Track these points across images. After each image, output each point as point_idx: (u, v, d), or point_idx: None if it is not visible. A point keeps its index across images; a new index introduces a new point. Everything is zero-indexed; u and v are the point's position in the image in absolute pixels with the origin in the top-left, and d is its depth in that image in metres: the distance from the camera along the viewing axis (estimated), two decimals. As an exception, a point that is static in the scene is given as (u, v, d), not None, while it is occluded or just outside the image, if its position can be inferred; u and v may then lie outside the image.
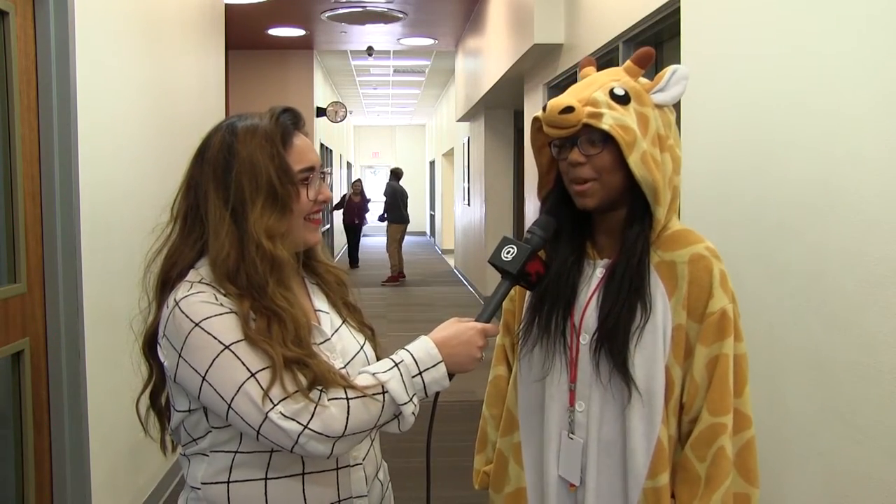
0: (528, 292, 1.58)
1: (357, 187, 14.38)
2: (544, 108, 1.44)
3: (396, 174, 13.20)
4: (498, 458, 1.66)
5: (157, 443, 1.49)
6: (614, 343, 1.43)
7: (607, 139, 1.41)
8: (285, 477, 1.35)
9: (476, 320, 1.42)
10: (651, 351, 1.43)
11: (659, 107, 1.47)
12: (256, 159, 1.33)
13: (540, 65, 6.07)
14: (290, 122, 1.40)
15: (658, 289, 1.45)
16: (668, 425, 1.45)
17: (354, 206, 14.19)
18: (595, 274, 1.52)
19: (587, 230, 1.55)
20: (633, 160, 1.39)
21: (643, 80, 1.50)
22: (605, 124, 1.39)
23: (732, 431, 1.43)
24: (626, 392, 1.44)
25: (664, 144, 1.45)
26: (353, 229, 14.48)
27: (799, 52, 2.24)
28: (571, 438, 1.51)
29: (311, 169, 1.40)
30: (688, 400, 1.44)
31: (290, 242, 1.38)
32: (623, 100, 1.43)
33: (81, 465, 2.89)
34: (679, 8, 3.10)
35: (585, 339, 1.49)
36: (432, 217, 21.34)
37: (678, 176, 1.48)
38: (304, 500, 1.36)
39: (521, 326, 1.58)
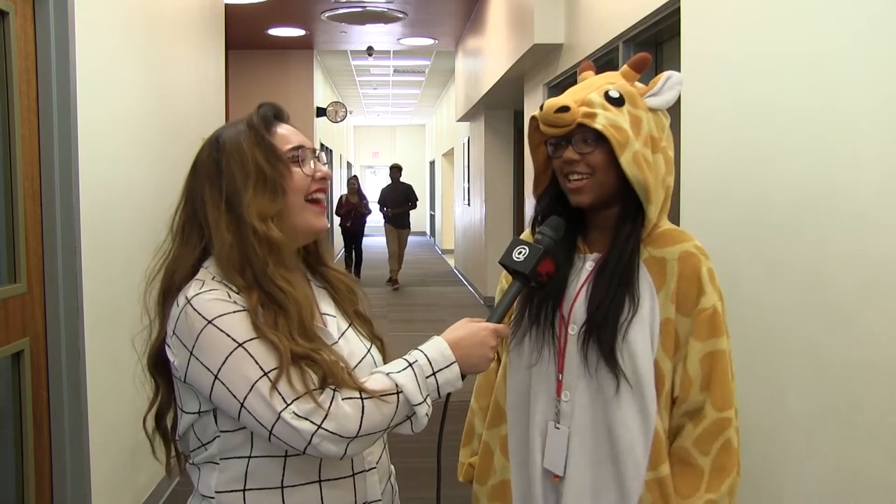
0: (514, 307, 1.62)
1: (353, 185, 12.22)
2: (542, 108, 1.49)
3: (400, 170, 11.98)
4: (484, 450, 1.69)
5: (162, 464, 1.46)
6: (603, 334, 1.48)
7: (600, 139, 1.46)
8: (303, 484, 1.34)
9: (487, 321, 1.42)
10: (638, 343, 1.48)
11: (653, 110, 1.52)
12: (242, 147, 1.35)
13: (540, 65, 6.06)
14: (269, 111, 1.41)
15: (646, 283, 1.50)
16: (662, 417, 1.49)
17: (351, 208, 11.94)
18: (585, 267, 1.56)
19: (580, 226, 1.60)
20: (625, 159, 1.45)
21: (639, 84, 1.55)
22: (599, 124, 1.44)
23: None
24: (613, 382, 1.48)
25: (657, 146, 1.50)
26: (353, 236, 12.21)
27: (798, 51, 2.24)
28: (557, 428, 1.54)
29: (300, 147, 1.40)
30: (681, 393, 1.49)
31: (289, 226, 1.37)
32: (617, 102, 1.48)
33: (81, 465, 2.89)
34: (679, 8, 3.10)
35: (574, 329, 1.53)
36: (432, 217, 21.34)
37: (671, 177, 1.53)
38: None
39: (512, 317, 1.61)
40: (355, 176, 13.07)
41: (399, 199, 11.65)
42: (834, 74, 2.08)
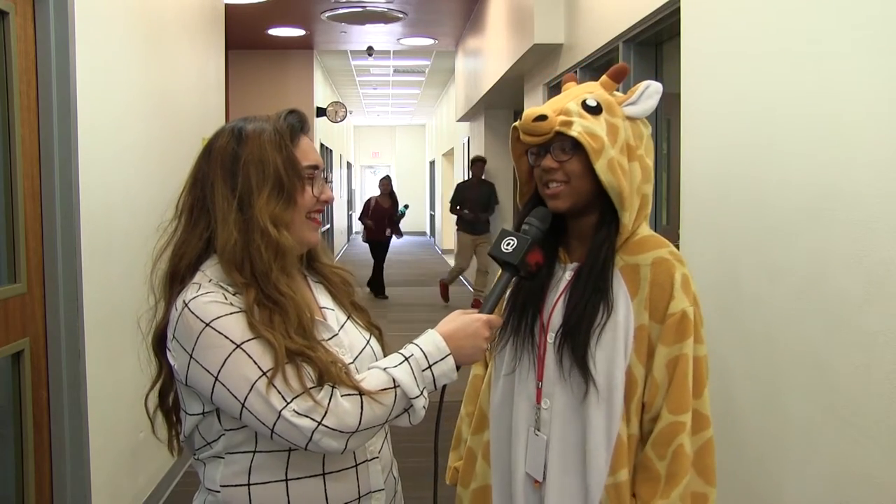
0: (506, 294, 1.65)
1: (386, 186, 10.70)
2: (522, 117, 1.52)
3: (484, 163, 9.63)
4: (468, 455, 1.72)
5: (164, 443, 1.48)
6: (576, 339, 1.50)
7: (577, 146, 1.49)
8: (306, 477, 1.36)
9: (479, 312, 1.44)
10: (612, 349, 1.49)
11: (631, 119, 1.55)
12: (265, 150, 1.36)
13: (540, 65, 6.07)
14: (296, 121, 1.44)
15: (621, 290, 1.52)
16: (630, 424, 1.50)
17: (384, 213, 10.36)
18: (564, 276, 1.59)
19: (561, 235, 1.62)
20: (600, 166, 1.47)
21: (618, 93, 1.59)
22: (574, 131, 1.47)
23: (691, 431, 1.48)
24: (583, 387, 1.50)
25: (633, 154, 1.53)
26: (383, 246, 10.38)
27: (799, 52, 2.24)
28: (537, 435, 1.56)
29: (316, 167, 1.43)
30: (648, 399, 1.50)
31: (294, 237, 1.40)
32: (595, 110, 1.51)
33: (81, 465, 2.89)
34: (679, 8, 3.10)
35: (552, 337, 1.56)
36: (432, 217, 21.34)
37: (648, 185, 1.55)
38: (327, 499, 1.37)
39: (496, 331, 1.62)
40: (388, 176, 11.15)
41: (482, 200, 9.43)
42: (834, 75, 2.08)
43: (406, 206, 10.36)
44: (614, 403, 1.49)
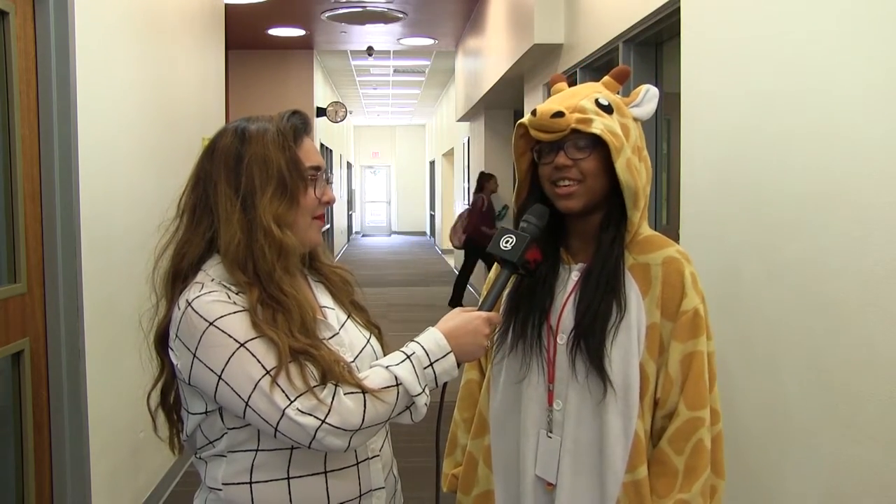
0: (503, 298, 1.64)
1: (493, 185, 9.36)
2: (533, 113, 1.50)
3: None
4: (468, 461, 1.71)
5: (165, 442, 1.49)
6: (591, 340, 1.50)
7: (595, 144, 1.49)
8: (308, 475, 1.37)
9: (479, 309, 1.45)
10: (626, 348, 1.50)
11: (635, 120, 1.56)
12: (268, 150, 1.37)
13: (540, 65, 6.07)
14: (299, 122, 1.44)
15: (632, 289, 1.52)
16: (644, 420, 1.50)
17: (487, 214, 9.24)
18: (571, 277, 1.58)
19: (561, 235, 1.61)
20: (620, 165, 1.47)
21: (616, 96, 1.59)
22: (596, 129, 1.47)
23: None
24: (601, 388, 1.50)
25: (640, 154, 1.54)
26: (478, 250, 9.19)
27: (799, 50, 2.24)
28: (550, 437, 1.56)
29: (318, 168, 1.44)
30: (662, 395, 1.51)
31: (297, 237, 1.40)
32: (608, 109, 1.51)
33: (81, 465, 2.90)
34: (679, 8, 3.10)
35: (563, 338, 1.55)
36: (432, 217, 21.34)
37: (649, 185, 1.56)
38: (328, 497, 1.38)
39: (496, 333, 1.62)
40: (492, 174, 9.58)
41: None
42: (835, 73, 2.08)
43: (505, 207, 9.23)
44: (630, 401, 1.49)
